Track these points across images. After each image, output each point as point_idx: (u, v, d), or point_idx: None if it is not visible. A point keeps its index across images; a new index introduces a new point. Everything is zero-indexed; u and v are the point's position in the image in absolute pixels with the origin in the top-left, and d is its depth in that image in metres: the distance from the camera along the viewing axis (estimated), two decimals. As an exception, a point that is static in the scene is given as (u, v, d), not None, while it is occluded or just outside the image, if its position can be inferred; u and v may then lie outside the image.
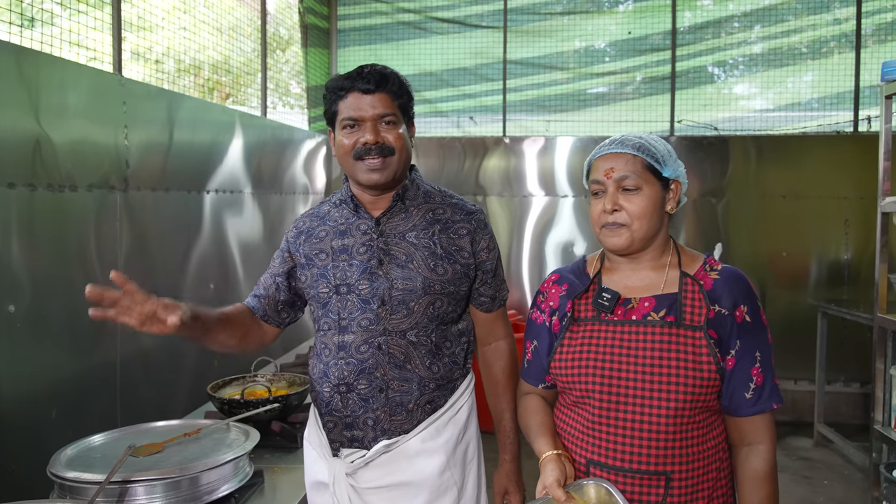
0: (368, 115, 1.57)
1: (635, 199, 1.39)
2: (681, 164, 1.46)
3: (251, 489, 1.78)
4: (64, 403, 2.25)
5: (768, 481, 1.39)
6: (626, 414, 1.36)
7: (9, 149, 2.03)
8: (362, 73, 1.58)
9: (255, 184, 3.79)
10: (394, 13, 5.17)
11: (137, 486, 1.53)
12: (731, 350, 1.37)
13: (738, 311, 1.38)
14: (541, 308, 1.55)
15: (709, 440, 1.40)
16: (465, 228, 1.65)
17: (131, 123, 2.63)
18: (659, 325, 1.37)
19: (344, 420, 1.61)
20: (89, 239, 2.40)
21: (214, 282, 3.32)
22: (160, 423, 1.89)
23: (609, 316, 1.42)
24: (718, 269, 1.43)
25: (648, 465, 1.35)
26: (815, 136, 4.93)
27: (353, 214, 1.65)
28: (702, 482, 1.38)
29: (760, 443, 1.40)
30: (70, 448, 1.69)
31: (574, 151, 5.01)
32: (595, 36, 5.15)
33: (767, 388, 1.39)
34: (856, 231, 4.77)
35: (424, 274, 1.59)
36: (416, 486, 1.60)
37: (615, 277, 1.47)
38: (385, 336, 1.58)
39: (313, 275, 1.65)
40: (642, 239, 1.41)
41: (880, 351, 2.84)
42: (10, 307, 2.08)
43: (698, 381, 1.34)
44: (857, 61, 4.88)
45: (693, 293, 1.39)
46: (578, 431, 1.43)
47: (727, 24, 5.06)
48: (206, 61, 3.33)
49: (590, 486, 1.33)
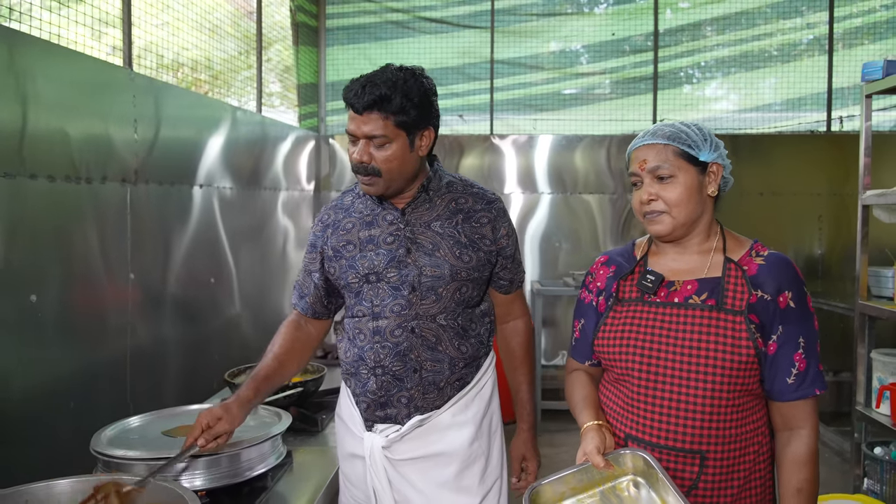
0: (359, 134, 1.58)
1: (670, 188, 1.43)
2: (720, 146, 1.49)
3: (283, 469, 1.84)
4: (81, 390, 2.27)
5: (808, 465, 1.40)
6: (664, 393, 1.41)
7: (28, 141, 2.06)
8: (358, 90, 1.56)
9: (254, 180, 3.83)
10: (382, 13, 5.24)
11: (180, 464, 1.59)
12: (773, 335, 1.39)
13: (781, 296, 1.40)
14: (589, 288, 1.60)
15: (748, 423, 1.43)
16: (486, 217, 1.72)
17: (140, 118, 2.66)
18: (699, 308, 1.41)
19: (378, 400, 1.68)
20: (103, 231, 2.43)
21: (215, 276, 3.35)
22: (192, 406, 1.95)
23: (652, 297, 1.47)
24: (765, 255, 1.45)
25: (684, 443, 1.40)
26: (790, 136, 5.13)
27: (378, 206, 1.70)
28: (738, 463, 1.42)
29: (802, 427, 1.41)
30: (109, 429, 1.74)
31: (557, 149, 5.15)
32: (579, 37, 5.29)
33: (811, 374, 1.40)
34: (829, 226, 4.98)
35: (451, 262, 1.66)
36: (448, 456, 1.69)
37: (661, 261, 1.52)
38: (417, 320, 1.65)
39: (342, 266, 1.71)
40: (684, 224, 1.45)
41: (861, 336, 3.00)
42: (31, 297, 2.10)
43: (735, 364, 1.37)
44: (829, 64, 5.09)
45: (736, 278, 1.42)
46: (619, 407, 1.49)
47: (704, 28, 5.24)
48: (189, 58, 3.34)
49: (627, 456, 1.38)
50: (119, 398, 2.49)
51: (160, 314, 2.75)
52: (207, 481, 1.60)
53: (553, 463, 3.94)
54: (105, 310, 2.43)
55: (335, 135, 5.31)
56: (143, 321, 2.61)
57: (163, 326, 2.78)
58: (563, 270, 5.18)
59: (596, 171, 5.17)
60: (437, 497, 1.69)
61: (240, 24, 3.96)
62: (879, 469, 2.78)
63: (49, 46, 2.21)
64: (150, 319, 2.69)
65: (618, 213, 5.18)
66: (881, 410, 2.78)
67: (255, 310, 3.83)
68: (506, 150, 5.20)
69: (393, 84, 1.56)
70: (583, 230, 5.20)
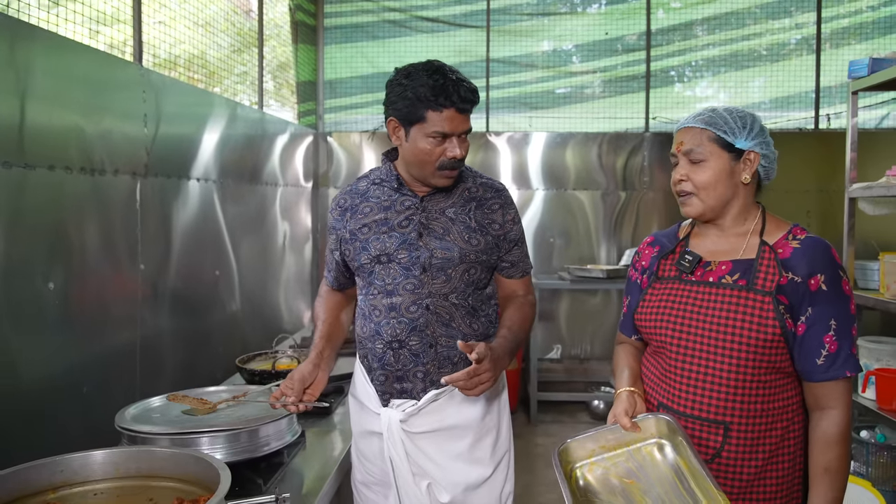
0: (459, 131, 1.68)
1: (700, 171, 1.50)
2: (764, 133, 1.53)
3: (297, 446, 1.92)
4: (94, 375, 2.34)
5: (837, 445, 1.43)
6: (693, 365, 1.49)
7: (47, 134, 2.13)
8: (460, 90, 1.64)
9: (256, 175, 3.90)
10: (380, 12, 5.31)
11: (202, 437, 1.66)
12: (802, 316, 1.44)
13: (813, 279, 1.43)
14: (636, 267, 1.71)
15: (776, 400, 1.47)
16: (496, 203, 1.83)
17: (150, 113, 2.73)
18: (730, 288, 1.49)
19: (395, 374, 1.77)
20: (115, 222, 2.50)
21: (219, 268, 3.42)
22: (210, 388, 2.02)
23: (689, 276, 1.56)
24: (801, 239, 1.49)
25: (709, 413, 1.47)
26: (779, 133, 5.24)
27: (396, 192, 1.80)
28: (763, 437, 1.47)
29: (833, 408, 1.44)
30: (132, 408, 1.82)
31: (551, 146, 5.25)
32: (573, 36, 5.38)
33: (842, 356, 1.43)
34: (817, 222, 5.10)
35: (460, 245, 1.75)
36: (462, 429, 1.78)
37: (702, 242, 1.60)
38: (431, 298, 1.75)
39: (355, 248, 1.80)
40: (713, 207, 1.52)
41: (848, 325, 3.11)
42: (49, 284, 2.17)
43: (761, 342, 1.43)
44: (817, 63, 5.21)
45: (769, 260, 1.48)
46: (655, 377, 1.59)
47: (695, 28, 5.35)
48: (184, 53, 3.39)
49: (651, 420, 1.49)
50: (129, 384, 2.56)
51: (167, 304, 2.81)
52: (228, 455, 1.67)
53: (548, 452, 4.03)
54: (116, 299, 2.50)
55: (332, 132, 5.38)
56: (151, 310, 2.68)
57: (170, 316, 2.85)
58: (557, 265, 5.28)
59: (589, 167, 5.27)
60: (451, 468, 1.78)
61: (234, 22, 4.01)
62: (865, 451, 2.88)
63: (66, 42, 2.27)
64: (158, 309, 2.76)
65: (610, 209, 5.28)
66: (867, 395, 2.88)
67: (256, 302, 3.90)
68: (501, 147, 5.29)
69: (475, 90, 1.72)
70: (576, 226, 5.29)
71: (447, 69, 1.69)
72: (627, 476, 1.49)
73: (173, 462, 1.46)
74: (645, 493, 1.45)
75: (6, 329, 1.93)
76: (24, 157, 2.01)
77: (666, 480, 1.46)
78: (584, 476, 1.52)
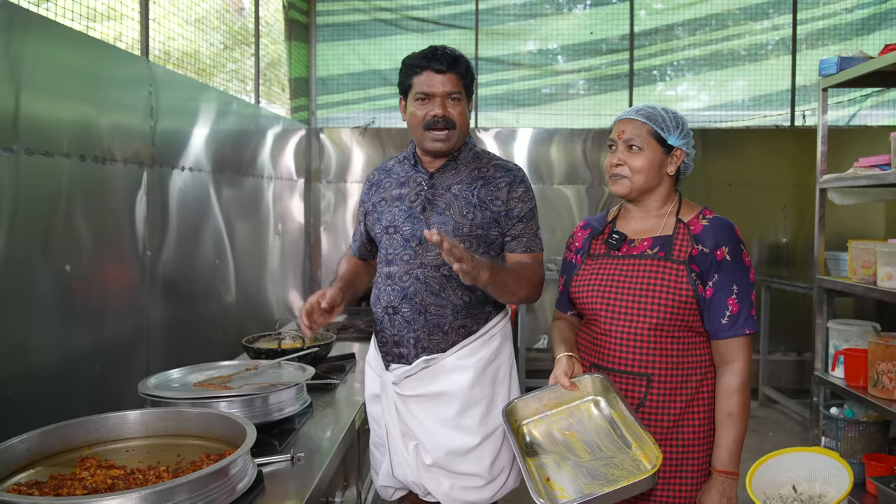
0: (439, 92, 1.83)
1: (636, 157, 1.72)
2: (689, 136, 1.77)
3: (306, 415, 2.05)
4: (108, 352, 2.46)
5: (738, 393, 1.65)
6: (621, 326, 1.70)
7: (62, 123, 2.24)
8: (436, 54, 1.84)
9: (252, 168, 4.02)
10: (371, 11, 5.44)
11: (220, 402, 1.79)
12: (710, 282, 1.66)
13: (718, 251, 1.66)
14: (570, 249, 1.92)
15: (690, 355, 1.69)
16: (504, 181, 1.92)
17: (157, 105, 2.84)
18: (650, 259, 1.72)
19: (392, 338, 1.91)
20: (123, 209, 2.61)
21: (219, 257, 3.53)
22: (224, 362, 2.15)
23: (616, 252, 1.78)
24: (710, 218, 1.73)
25: (634, 367, 1.69)
26: (757, 130, 5.44)
27: (413, 169, 1.96)
28: (680, 388, 1.68)
29: (735, 361, 1.67)
30: (152, 378, 1.94)
31: (537, 142, 5.41)
32: (559, 37, 5.55)
33: (742, 316, 1.65)
34: (793, 215, 5.30)
35: (456, 219, 1.87)
36: (450, 396, 1.87)
37: (627, 223, 1.82)
38: (422, 269, 1.87)
39: (373, 219, 1.98)
40: (639, 189, 1.74)
41: (819, 309, 3.29)
42: (66, 266, 2.28)
43: (676, 303, 1.66)
44: (793, 63, 5.42)
45: (683, 235, 1.71)
46: (588, 342, 1.80)
47: (676, 29, 5.53)
48: (174, 51, 3.48)
49: (587, 379, 1.69)
50: (139, 364, 2.67)
51: (170, 290, 2.93)
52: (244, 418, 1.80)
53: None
54: (124, 283, 2.62)
55: (324, 128, 5.51)
56: (157, 295, 2.80)
57: (174, 301, 2.97)
58: (544, 258, 5.43)
59: (574, 163, 5.44)
60: (437, 432, 1.88)
61: (225, 19, 4.11)
62: (835, 427, 3.06)
63: (81, 36, 2.39)
64: (163, 294, 2.88)
65: (594, 203, 5.45)
66: (836, 374, 3.06)
67: (251, 292, 4.01)
68: (488, 142, 5.44)
69: (455, 52, 1.86)
70: (561, 220, 5.45)
71: (438, 47, 1.86)
72: (568, 429, 1.68)
73: (200, 421, 1.59)
74: (584, 441, 1.64)
75: (28, 309, 2.04)
76: (42, 146, 2.13)
77: (601, 430, 1.64)
78: (530, 432, 1.72)
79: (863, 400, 2.84)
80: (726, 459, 1.65)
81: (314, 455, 1.79)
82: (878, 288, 2.83)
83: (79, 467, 1.43)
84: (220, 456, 1.48)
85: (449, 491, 1.89)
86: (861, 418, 3.05)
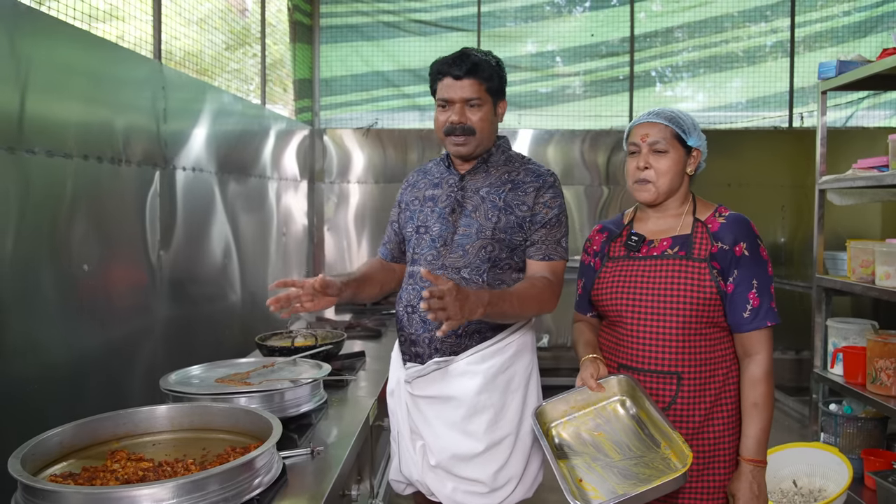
0: (457, 98, 1.84)
1: (662, 160, 1.76)
2: (703, 136, 1.81)
3: (322, 411, 2.10)
4: (122, 350, 2.50)
5: (762, 383, 1.70)
6: (648, 327, 1.73)
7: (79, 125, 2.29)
8: (456, 60, 1.84)
9: (258, 168, 4.07)
10: (375, 14, 5.49)
11: (241, 398, 1.84)
12: (731, 277, 1.71)
13: (737, 247, 1.71)
14: (588, 252, 1.95)
15: (716, 350, 1.73)
16: (532, 186, 1.90)
17: (168, 107, 2.89)
18: (672, 258, 1.75)
19: (410, 337, 1.95)
20: (137, 210, 2.66)
21: (227, 257, 3.58)
22: (241, 360, 2.20)
23: (636, 254, 1.81)
24: (726, 215, 1.77)
25: (664, 366, 1.72)
26: (755, 132, 5.51)
27: (447, 171, 1.99)
28: (709, 383, 1.72)
29: (758, 353, 1.71)
30: (173, 375, 1.99)
31: (538, 143, 5.47)
32: (560, 39, 5.61)
33: (763, 309, 1.70)
34: (791, 216, 5.37)
35: (480, 222, 1.88)
36: (457, 400, 1.87)
37: (644, 224, 1.86)
38: (443, 270, 1.89)
39: (405, 218, 2.01)
40: (666, 193, 1.78)
41: (818, 307, 3.36)
42: (84, 266, 2.33)
43: (702, 301, 1.70)
44: (791, 65, 5.49)
45: (702, 234, 1.75)
46: (613, 344, 1.82)
47: (675, 32, 5.60)
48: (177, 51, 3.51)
49: (614, 380, 1.73)
50: (150, 361, 2.72)
51: (181, 289, 2.98)
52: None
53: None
54: (138, 283, 2.67)
55: (327, 129, 5.56)
56: (167, 295, 2.85)
57: (182, 300, 3.02)
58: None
59: (574, 163, 5.49)
60: (443, 435, 1.88)
61: (228, 19, 4.15)
62: (833, 423, 3.12)
63: (97, 40, 2.43)
64: (173, 294, 2.93)
65: (593, 204, 5.51)
66: (835, 371, 3.12)
67: (259, 289, 4.06)
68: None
69: (481, 57, 1.85)
70: (563, 220, 5.50)
71: (462, 49, 1.87)
72: (596, 430, 1.72)
73: (225, 416, 1.64)
74: (612, 441, 1.69)
75: (48, 308, 2.09)
76: (63, 148, 2.18)
77: (629, 430, 1.69)
78: (559, 434, 1.76)
79: (861, 396, 2.90)
80: (754, 448, 1.70)
81: (332, 449, 1.84)
82: (876, 287, 2.89)
83: (109, 460, 1.48)
84: (246, 449, 1.53)
85: (451, 494, 1.89)
86: (859, 414, 3.12)
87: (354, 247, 5.53)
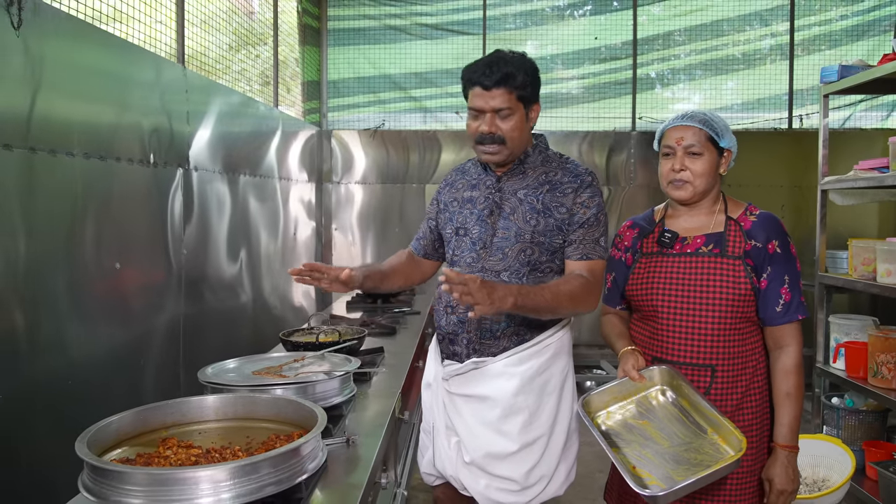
0: (487, 108, 1.83)
1: (697, 162, 1.81)
2: (734, 137, 1.86)
3: (351, 403, 2.18)
4: (151, 345, 2.59)
5: (794, 374, 1.78)
6: (684, 322, 1.81)
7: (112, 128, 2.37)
8: (486, 69, 1.81)
9: (270, 169, 4.15)
10: (382, 17, 5.58)
11: (276, 389, 1.92)
12: (764, 274, 1.77)
13: (770, 245, 1.78)
14: (618, 247, 2.00)
15: (747, 344, 1.81)
16: (570, 187, 1.89)
17: (191, 110, 2.97)
18: (707, 256, 1.82)
19: (448, 336, 2.00)
20: (164, 210, 2.74)
21: (246, 254, 3.66)
22: (273, 354, 2.28)
23: (669, 250, 1.87)
24: (757, 214, 1.83)
25: (699, 359, 1.80)
26: (755, 133, 5.62)
27: (484, 172, 2.00)
28: (741, 375, 1.80)
29: (789, 345, 1.79)
30: (210, 368, 2.06)
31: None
32: (565, 42, 5.70)
33: (794, 303, 1.78)
34: (791, 216, 5.47)
35: (519, 225, 1.88)
36: (493, 400, 1.90)
37: (676, 221, 1.91)
38: (483, 273, 1.91)
39: (444, 219, 2.03)
40: (702, 193, 1.84)
41: (821, 304, 3.46)
42: (116, 264, 2.41)
43: (737, 297, 1.77)
44: (790, 68, 5.60)
45: (735, 232, 1.81)
46: (647, 337, 1.89)
47: (675, 36, 5.70)
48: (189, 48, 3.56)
49: (655, 371, 1.81)
50: (175, 356, 2.80)
51: (202, 287, 3.07)
52: (299, 406, 1.92)
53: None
54: (165, 281, 2.75)
55: (335, 130, 5.64)
56: (190, 292, 2.93)
57: (204, 298, 3.10)
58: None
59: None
60: (479, 433, 1.92)
61: (232, 22, 4.21)
62: (836, 416, 3.22)
63: (129, 46, 2.52)
64: (195, 292, 3.01)
65: (599, 205, 5.60)
66: (837, 365, 3.22)
67: (280, 287, 4.14)
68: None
69: (516, 63, 1.82)
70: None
71: (495, 53, 1.85)
72: (640, 418, 1.79)
73: (268, 405, 1.72)
74: (658, 429, 1.75)
75: (84, 305, 2.17)
76: (98, 150, 2.26)
77: (673, 417, 1.77)
78: (605, 423, 1.83)
79: (863, 389, 3.00)
80: (788, 435, 1.77)
81: (365, 438, 1.92)
82: (877, 284, 2.99)
83: (161, 447, 1.56)
84: (289, 437, 1.60)
85: (485, 490, 1.94)
86: (861, 407, 3.21)
87: (360, 246, 5.61)
